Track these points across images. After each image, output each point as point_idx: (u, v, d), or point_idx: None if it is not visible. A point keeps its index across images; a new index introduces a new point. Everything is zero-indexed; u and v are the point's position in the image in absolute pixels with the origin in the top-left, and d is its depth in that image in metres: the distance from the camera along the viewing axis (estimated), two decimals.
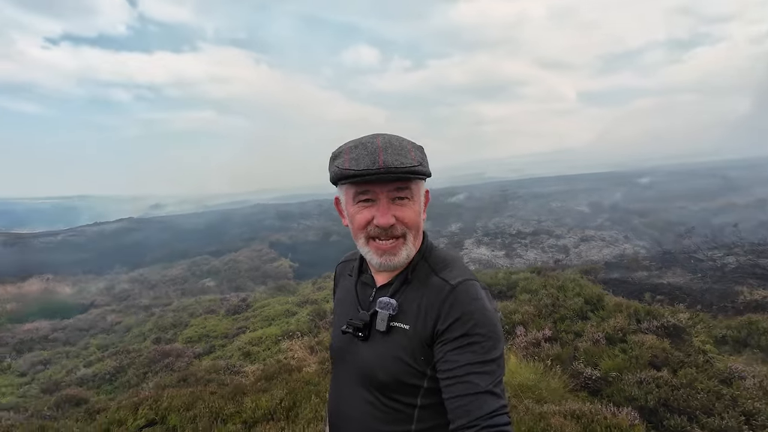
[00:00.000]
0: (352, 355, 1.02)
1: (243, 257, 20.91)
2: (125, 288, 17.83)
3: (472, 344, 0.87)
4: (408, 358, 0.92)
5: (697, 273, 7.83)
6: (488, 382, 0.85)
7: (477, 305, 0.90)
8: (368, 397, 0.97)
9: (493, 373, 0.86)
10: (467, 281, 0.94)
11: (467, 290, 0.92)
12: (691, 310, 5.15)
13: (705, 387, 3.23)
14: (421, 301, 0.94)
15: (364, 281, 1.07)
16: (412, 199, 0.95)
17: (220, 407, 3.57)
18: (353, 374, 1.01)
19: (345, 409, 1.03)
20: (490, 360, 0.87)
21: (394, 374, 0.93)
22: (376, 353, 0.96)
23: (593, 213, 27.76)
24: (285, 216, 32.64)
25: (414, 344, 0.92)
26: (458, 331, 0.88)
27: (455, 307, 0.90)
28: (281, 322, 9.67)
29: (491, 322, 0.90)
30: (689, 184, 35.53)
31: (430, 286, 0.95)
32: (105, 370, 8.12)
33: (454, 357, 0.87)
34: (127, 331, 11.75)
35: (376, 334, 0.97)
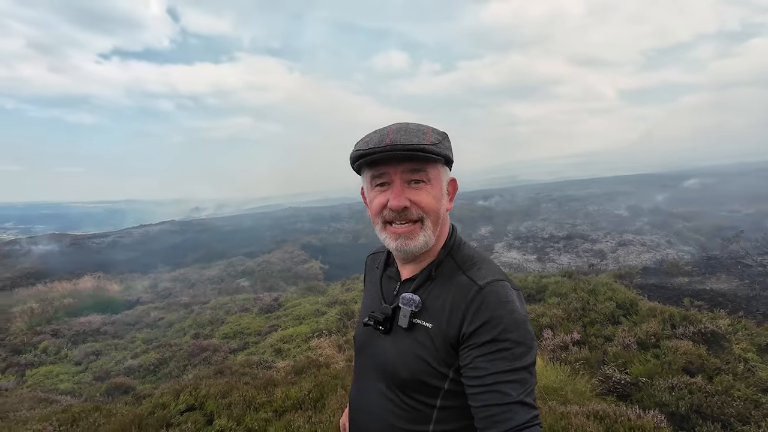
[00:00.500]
0: (373, 349, 1.00)
1: (276, 258, 21.60)
2: (167, 286, 18.88)
3: (502, 350, 0.82)
4: (429, 358, 0.89)
5: (744, 279, 7.37)
6: (519, 391, 0.80)
7: (507, 308, 0.85)
8: (388, 393, 0.95)
9: (524, 381, 0.81)
10: (497, 282, 0.88)
11: (496, 291, 0.87)
12: (732, 317, 4.88)
13: (742, 395, 3.10)
14: (446, 300, 0.90)
15: (389, 274, 1.04)
16: (430, 183, 0.90)
17: (253, 396, 3.79)
18: (374, 368, 0.99)
19: (364, 402, 1.02)
20: (521, 368, 0.82)
21: (414, 373, 0.90)
22: (397, 350, 0.94)
23: (632, 216, 26.47)
24: (316, 219, 33.37)
25: (437, 344, 0.89)
26: (486, 335, 0.83)
27: (483, 309, 0.85)
28: (311, 321, 9.97)
29: (522, 327, 0.84)
30: (742, 186, 33.10)
31: (456, 284, 0.91)
32: (149, 362, 8.69)
33: (483, 364, 0.83)
34: (169, 326, 12.47)
35: (399, 330, 0.95)
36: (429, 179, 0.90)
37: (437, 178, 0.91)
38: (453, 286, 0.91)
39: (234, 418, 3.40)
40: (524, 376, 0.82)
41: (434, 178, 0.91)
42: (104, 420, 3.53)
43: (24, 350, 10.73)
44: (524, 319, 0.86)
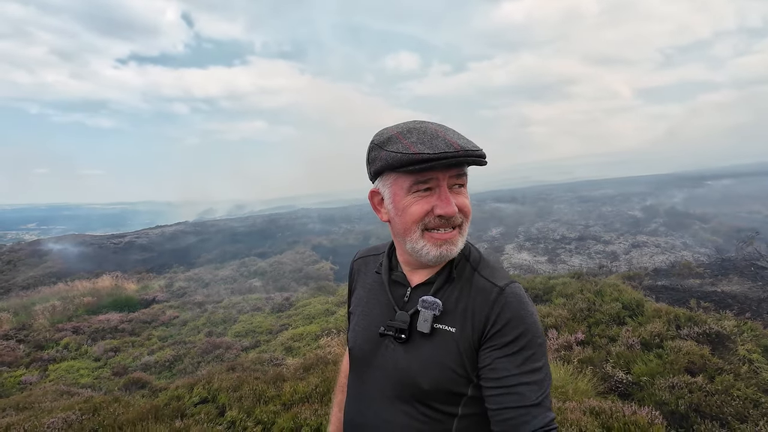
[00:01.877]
0: (383, 359, 0.94)
1: (287, 259, 21.92)
2: (182, 286, 19.33)
3: (521, 351, 0.82)
4: (454, 364, 0.86)
5: (758, 281, 7.27)
6: (538, 394, 0.80)
7: (527, 309, 0.86)
8: (403, 408, 0.90)
9: (541, 383, 0.82)
10: (513, 284, 0.89)
11: (516, 293, 0.87)
12: (739, 318, 4.85)
13: (742, 394, 3.12)
14: (467, 302, 0.89)
15: (395, 279, 0.99)
16: (465, 186, 0.91)
17: (263, 390, 3.96)
18: (384, 381, 0.93)
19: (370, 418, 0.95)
20: (538, 368, 0.82)
21: (437, 382, 0.87)
22: (417, 359, 0.89)
23: (647, 218, 26.01)
24: (327, 220, 33.69)
25: (461, 348, 0.86)
26: (508, 336, 0.83)
27: (505, 310, 0.85)
28: (321, 321, 10.15)
29: (538, 327, 0.86)
30: (763, 186, 32.18)
31: (474, 286, 0.90)
32: (165, 359, 8.98)
33: (503, 364, 0.82)
34: (183, 324, 12.80)
35: (417, 337, 0.90)
36: (464, 184, 0.91)
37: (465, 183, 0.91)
38: (472, 288, 0.89)
39: (244, 410, 3.56)
40: (541, 377, 0.82)
41: (465, 183, 0.91)
42: (123, 410, 3.73)
43: (46, 346, 11.17)
44: (538, 321, 0.87)
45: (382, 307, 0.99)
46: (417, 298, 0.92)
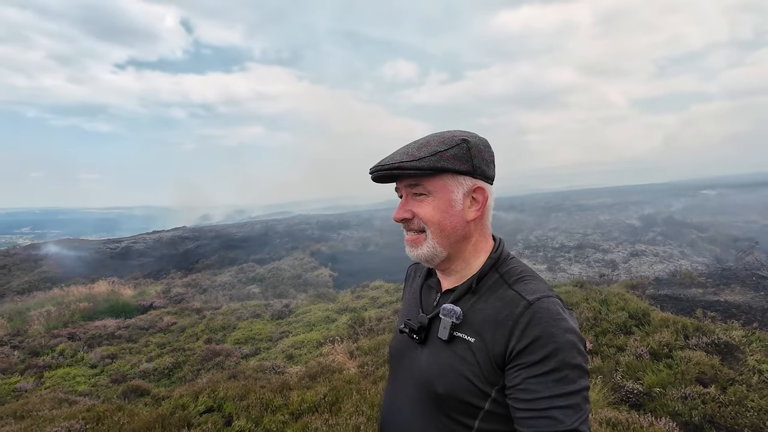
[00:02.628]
0: (409, 360, 0.97)
1: (286, 265, 21.82)
2: (180, 292, 19.17)
3: (554, 371, 0.77)
4: (470, 374, 0.85)
5: (760, 291, 7.29)
6: (574, 418, 0.75)
7: (560, 326, 0.80)
8: (423, 409, 0.91)
9: (577, 407, 0.77)
10: (546, 298, 0.84)
11: (547, 308, 0.82)
12: (746, 328, 4.85)
13: (756, 406, 3.11)
14: (489, 315, 0.86)
15: (430, 284, 1.03)
16: (431, 195, 0.90)
17: (270, 399, 3.90)
18: (409, 381, 0.96)
19: (397, 414, 0.98)
20: (574, 392, 0.77)
21: (452, 388, 0.86)
22: (436, 362, 0.90)
23: (645, 226, 26.15)
24: (326, 226, 33.62)
25: (479, 360, 0.84)
26: (537, 354, 0.79)
27: (532, 326, 0.80)
28: (322, 328, 10.07)
29: (576, 347, 0.79)
30: (759, 196, 32.50)
31: (501, 299, 0.87)
32: (164, 366, 8.86)
33: (533, 386, 0.78)
34: (181, 331, 12.66)
35: (437, 342, 0.91)
36: (429, 192, 0.90)
37: (442, 190, 0.90)
38: (498, 301, 0.87)
39: (252, 420, 3.50)
40: (578, 401, 0.77)
41: (435, 190, 0.90)
42: (128, 419, 3.66)
43: (42, 352, 11.00)
44: (578, 339, 0.81)
45: (412, 308, 1.03)
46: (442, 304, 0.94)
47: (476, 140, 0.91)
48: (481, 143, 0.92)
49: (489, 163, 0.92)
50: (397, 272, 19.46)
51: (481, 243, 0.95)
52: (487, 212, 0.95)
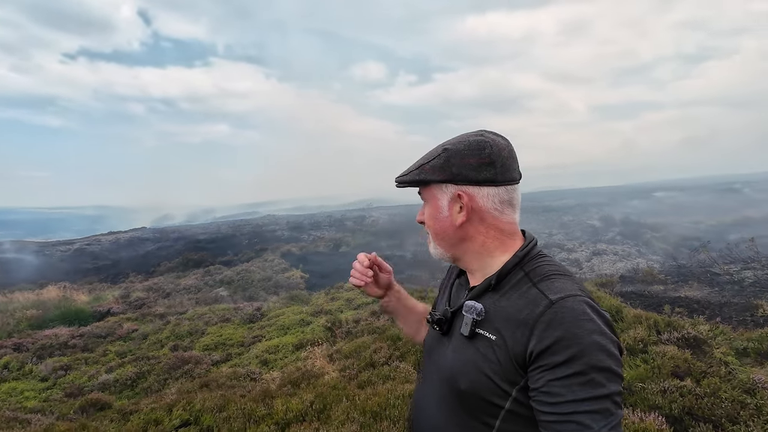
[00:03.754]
0: (438, 355, 0.99)
1: (255, 267, 21.16)
2: (140, 296, 18.12)
3: (579, 374, 0.74)
4: (491, 372, 0.84)
5: (715, 287, 7.81)
6: (602, 424, 0.72)
7: (585, 327, 0.77)
8: (447, 404, 0.93)
9: (607, 412, 0.73)
10: (572, 297, 0.81)
11: (571, 307, 0.79)
12: (710, 323, 5.17)
13: (729, 396, 3.28)
14: (511, 313, 0.85)
15: (461, 282, 1.06)
16: (427, 203, 0.99)
17: (252, 409, 3.70)
18: (436, 376, 0.98)
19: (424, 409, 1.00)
20: (602, 396, 0.74)
21: (473, 385, 0.86)
22: (459, 358, 0.91)
23: (605, 227, 27.59)
24: (295, 227, 32.96)
25: (500, 358, 0.84)
26: (560, 356, 0.76)
27: (554, 326, 0.78)
28: (296, 331, 9.80)
29: (605, 350, 0.76)
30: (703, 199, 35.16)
31: (524, 297, 0.86)
32: (126, 376, 8.28)
33: (558, 389, 0.75)
34: (144, 338, 11.94)
35: (460, 338, 0.92)
36: (425, 200, 1.00)
37: (432, 198, 0.97)
38: (521, 299, 0.86)
39: None
40: (607, 406, 0.73)
41: (428, 198, 0.98)
42: None
43: None
44: (608, 341, 0.77)
45: (441, 303, 1.09)
46: None
47: (461, 146, 0.93)
48: (467, 148, 0.92)
49: (477, 167, 0.92)
50: None
51: (492, 243, 0.95)
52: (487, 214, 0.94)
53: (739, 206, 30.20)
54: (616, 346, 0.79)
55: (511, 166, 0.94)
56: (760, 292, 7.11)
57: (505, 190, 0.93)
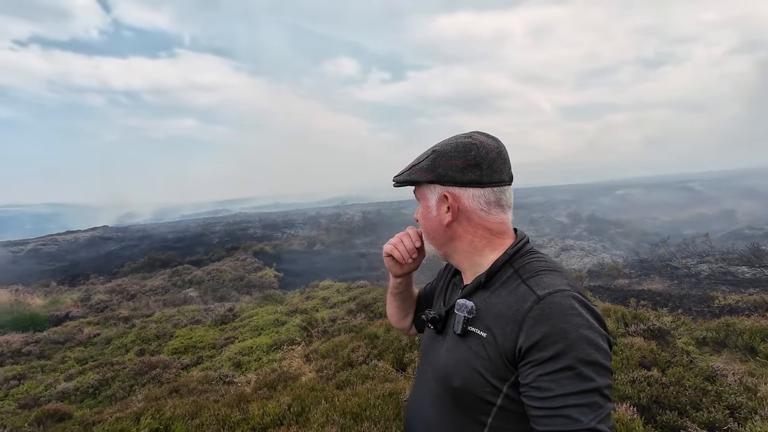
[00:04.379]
0: (433, 354, 1.00)
1: (227, 267, 20.56)
2: (102, 299, 17.22)
3: (567, 369, 0.75)
4: (482, 369, 0.85)
5: (674, 280, 8.24)
6: (590, 417, 0.73)
7: (573, 321, 0.78)
8: (441, 402, 0.94)
9: (596, 405, 0.74)
10: (559, 292, 0.81)
11: (559, 302, 0.80)
12: (673, 314, 5.45)
13: (692, 384, 3.46)
14: (501, 309, 0.86)
15: (455, 282, 1.07)
16: (420, 202, 1.02)
17: (227, 415, 3.56)
18: (431, 374, 0.99)
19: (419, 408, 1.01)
20: (591, 390, 0.74)
21: (466, 382, 0.87)
22: (452, 356, 0.92)
23: (572, 223, 28.66)
24: (269, 225, 32.28)
25: (490, 355, 0.85)
26: (548, 351, 0.77)
27: (542, 321, 0.79)
28: (271, 332, 9.57)
29: (593, 344, 0.77)
30: (662, 196, 37.18)
31: (513, 294, 0.87)
32: (87, 384, 7.82)
33: (547, 384, 0.76)
34: (107, 343, 11.33)
35: (453, 336, 0.94)
36: (418, 199, 1.03)
37: (423, 198, 1.01)
38: (510, 296, 0.86)
39: None
40: (596, 399, 0.74)
41: (420, 198, 1.02)
42: None
43: None
44: (596, 335, 0.78)
45: (438, 302, 1.11)
46: None
47: (448, 148, 0.95)
48: (453, 150, 0.94)
49: (462, 169, 0.93)
50: (347, 271, 19.23)
51: (480, 242, 0.96)
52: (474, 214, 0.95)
53: (694, 203, 32.18)
54: (605, 340, 0.80)
55: (500, 167, 0.94)
56: (715, 284, 7.57)
57: (491, 191, 0.94)
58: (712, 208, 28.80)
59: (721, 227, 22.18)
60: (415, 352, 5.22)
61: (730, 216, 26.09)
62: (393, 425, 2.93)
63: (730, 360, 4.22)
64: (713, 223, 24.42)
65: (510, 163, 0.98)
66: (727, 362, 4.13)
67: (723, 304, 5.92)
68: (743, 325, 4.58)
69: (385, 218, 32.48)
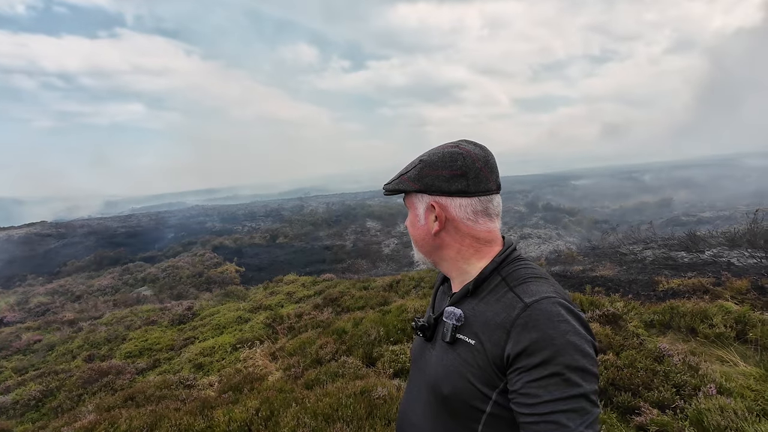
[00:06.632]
0: (423, 362, 1.00)
1: (183, 263, 19.60)
2: (43, 301, 15.87)
3: (555, 375, 0.76)
4: (471, 377, 0.86)
5: (623, 265, 8.80)
6: (578, 422, 0.74)
7: (559, 328, 0.79)
8: (431, 409, 0.94)
9: (583, 411, 0.75)
10: (546, 299, 0.83)
11: (546, 309, 0.81)
12: (624, 299, 5.82)
13: (643, 366, 3.70)
14: (489, 317, 0.87)
15: (444, 289, 1.08)
16: (410, 211, 1.03)
17: (189, 424, 3.38)
18: (422, 381, 0.99)
19: (410, 415, 1.02)
20: (578, 395, 0.76)
21: (455, 390, 0.88)
22: (442, 363, 0.93)
23: (530, 212, 29.92)
24: (228, 218, 31.07)
25: (479, 362, 0.85)
26: (536, 358, 0.78)
27: (530, 328, 0.80)
28: (234, 330, 9.25)
29: (579, 350, 0.78)
30: (610, 186, 39.65)
31: (501, 301, 0.87)
32: (28, 396, 7.18)
33: (535, 390, 0.77)
34: (49, 349, 10.47)
35: (442, 344, 0.94)
36: (408, 207, 1.03)
37: (411, 207, 1.02)
38: (497, 303, 0.87)
39: None
40: (583, 404, 0.76)
41: (409, 206, 1.03)
42: None
43: None
44: (582, 342, 0.79)
45: (429, 310, 1.11)
46: None
47: (435, 158, 0.96)
48: (440, 160, 0.95)
49: (449, 179, 0.93)
50: (312, 264, 18.94)
51: (468, 250, 0.97)
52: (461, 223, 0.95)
53: (638, 192, 34.61)
54: (591, 346, 0.81)
55: (486, 176, 0.94)
56: (659, 268, 8.16)
57: (478, 200, 0.95)
58: (653, 197, 31.14)
59: (661, 214, 24.05)
60: (384, 345, 5.22)
61: (668, 204, 28.36)
62: (366, 424, 2.91)
63: (675, 341, 4.58)
64: (654, 210, 26.41)
65: (498, 172, 0.98)
66: (671, 343, 4.47)
67: (666, 288, 6.42)
68: (685, 308, 4.97)
69: (349, 210, 32.24)
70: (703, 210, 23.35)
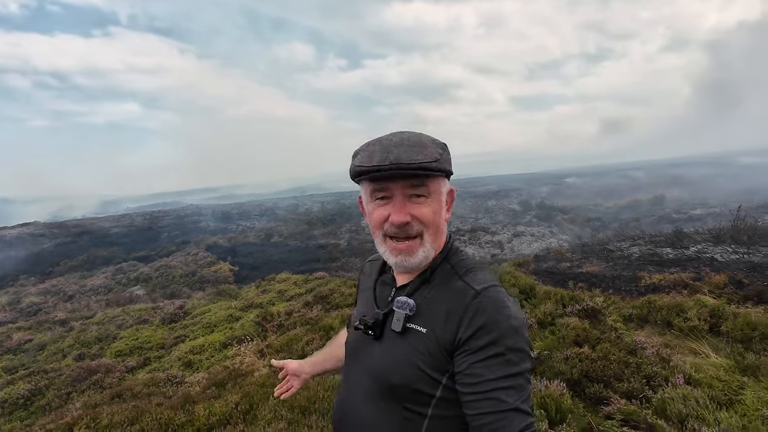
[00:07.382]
0: (365, 356, 0.99)
1: (177, 262, 19.58)
2: (35, 301, 15.82)
3: (498, 356, 0.81)
4: (422, 364, 0.87)
5: (610, 262, 8.91)
6: (515, 398, 0.79)
7: (504, 313, 0.84)
8: (378, 403, 0.93)
9: (520, 387, 0.80)
10: (493, 287, 0.88)
11: (494, 297, 0.86)
12: (605, 294, 5.92)
13: (617, 358, 3.79)
14: (441, 305, 0.89)
15: (384, 280, 1.05)
16: (430, 197, 0.91)
17: (170, 418, 3.44)
18: (365, 376, 0.97)
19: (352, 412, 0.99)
20: (517, 373, 0.81)
21: (406, 379, 0.88)
22: (389, 355, 0.92)
23: (523, 210, 30.09)
24: (223, 217, 31.01)
25: (431, 349, 0.87)
26: (483, 340, 0.82)
27: (480, 314, 0.84)
28: (224, 328, 9.29)
29: (519, 333, 0.83)
30: (603, 184, 39.90)
31: (452, 289, 0.90)
32: (17, 394, 7.20)
33: (479, 370, 0.81)
34: (40, 349, 10.46)
35: (391, 335, 0.93)
36: (429, 193, 0.91)
37: (437, 192, 0.92)
38: (449, 291, 0.90)
39: None
40: (520, 382, 0.81)
41: (434, 191, 0.91)
42: None
43: None
44: (520, 325, 0.85)
45: (368, 305, 1.05)
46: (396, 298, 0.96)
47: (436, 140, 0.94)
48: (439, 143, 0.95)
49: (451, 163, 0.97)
50: (306, 262, 18.96)
51: (441, 239, 0.98)
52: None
53: (631, 190, 34.84)
54: (525, 329, 0.88)
55: None
56: (643, 264, 8.28)
57: None
58: (646, 194, 31.37)
59: (653, 212, 24.26)
60: None
61: (661, 201, 28.59)
62: None
63: (651, 334, 4.67)
64: (647, 208, 26.61)
65: None
66: (648, 336, 4.56)
67: (648, 283, 6.52)
68: (662, 302, 5.07)
69: (344, 208, 32.28)
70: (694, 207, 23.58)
